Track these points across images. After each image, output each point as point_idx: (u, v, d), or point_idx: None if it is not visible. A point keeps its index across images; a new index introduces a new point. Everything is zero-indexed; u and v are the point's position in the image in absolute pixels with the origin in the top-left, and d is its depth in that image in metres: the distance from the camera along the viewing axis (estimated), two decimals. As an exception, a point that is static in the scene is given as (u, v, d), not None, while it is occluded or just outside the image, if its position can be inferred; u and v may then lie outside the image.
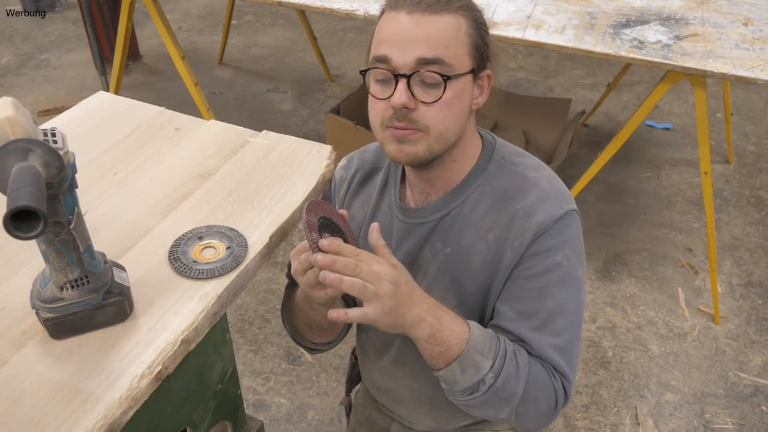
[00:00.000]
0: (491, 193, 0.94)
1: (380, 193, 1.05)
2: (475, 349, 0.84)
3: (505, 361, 0.86)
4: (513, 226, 0.90)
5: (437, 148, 0.88)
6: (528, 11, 2.17)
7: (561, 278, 0.90)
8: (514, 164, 0.95)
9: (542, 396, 0.88)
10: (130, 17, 2.64)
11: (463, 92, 0.87)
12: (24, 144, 0.63)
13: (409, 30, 0.83)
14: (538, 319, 0.90)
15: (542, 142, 2.87)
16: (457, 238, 0.95)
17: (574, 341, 0.92)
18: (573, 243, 0.91)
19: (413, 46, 0.83)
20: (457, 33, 0.84)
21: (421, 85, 0.84)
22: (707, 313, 2.34)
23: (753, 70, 1.81)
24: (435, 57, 0.83)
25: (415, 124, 0.86)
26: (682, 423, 1.97)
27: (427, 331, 0.83)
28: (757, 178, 3.08)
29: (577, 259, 0.91)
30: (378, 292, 0.79)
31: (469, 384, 0.85)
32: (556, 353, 0.90)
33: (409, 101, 0.84)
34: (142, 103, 1.30)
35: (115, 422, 0.70)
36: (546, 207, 0.90)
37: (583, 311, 0.94)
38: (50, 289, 0.77)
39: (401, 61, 0.83)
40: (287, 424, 1.95)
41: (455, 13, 0.84)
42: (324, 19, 4.46)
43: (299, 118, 3.51)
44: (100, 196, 1.04)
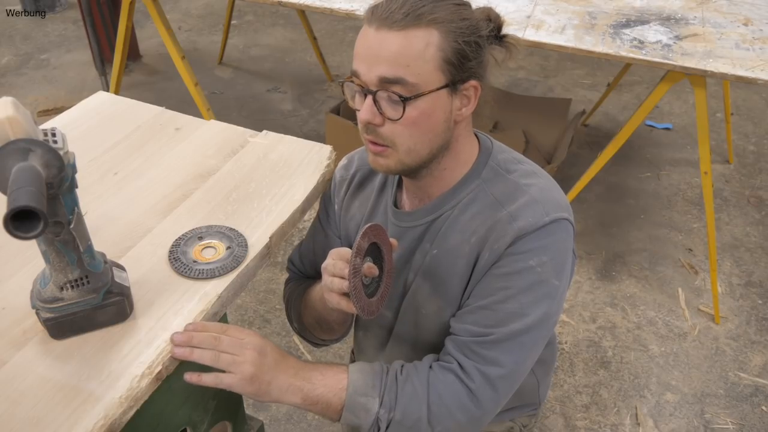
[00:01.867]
0: (483, 198, 0.93)
1: (378, 195, 1.05)
2: (357, 393, 0.85)
3: (397, 393, 0.85)
4: (495, 229, 0.89)
5: (409, 162, 0.89)
6: (528, 11, 2.17)
7: (530, 283, 0.87)
8: (508, 171, 0.94)
9: (455, 408, 0.86)
10: (130, 17, 2.64)
11: (433, 109, 0.85)
12: (24, 144, 0.63)
13: (374, 47, 0.82)
14: (491, 315, 0.88)
15: (542, 142, 2.87)
16: (443, 240, 0.95)
17: (525, 341, 0.88)
18: (552, 250, 0.88)
19: (377, 63, 0.82)
20: (423, 50, 0.82)
21: (388, 101, 0.84)
22: (707, 313, 2.34)
23: (753, 70, 1.81)
24: (396, 77, 0.82)
25: (382, 140, 0.87)
26: (682, 423, 1.97)
27: (298, 395, 0.85)
28: (757, 178, 3.08)
29: (553, 267, 0.88)
30: (237, 360, 0.81)
31: (368, 425, 0.85)
32: (488, 348, 0.86)
33: (374, 117, 0.84)
34: (142, 103, 1.30)
35: (115, 422, 0.70)
36: (531, 213, 0.88)
37: (549, 323, 0.90)
38: (50, 289, 0.77)
39: (367, 77, 0.84)
40: (287, 424, 1.95)
41: (425, 28, 0.82)
42: (324, 19, 4.46)
43: (299, 118, 3.51)
44: (100, 196, 1.04)
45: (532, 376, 1.13)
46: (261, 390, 0.83)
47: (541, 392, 1.19)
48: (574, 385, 2.08)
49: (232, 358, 0.81)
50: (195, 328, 0.82)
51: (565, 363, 2.16)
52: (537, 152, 2.77)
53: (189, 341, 0.80)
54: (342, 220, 1.11)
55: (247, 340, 0.83)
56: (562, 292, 0.91)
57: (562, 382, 2.09)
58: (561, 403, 2.02)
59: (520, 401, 1.15)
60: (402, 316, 1.04)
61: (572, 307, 2.37)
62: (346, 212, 1.10)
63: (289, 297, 1.16)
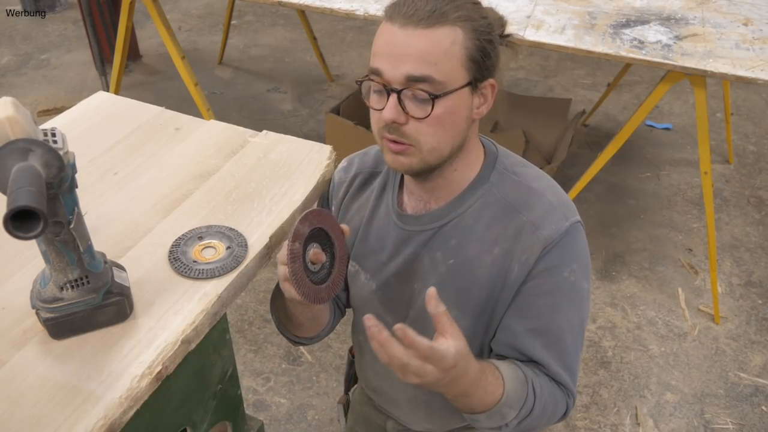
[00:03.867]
0: (494, 203, 0.93)
1: (378, 197, 1.04)
2: (506, 405, 0.86)
3: (534, 408, 0.89)
4: (520, 240, 0.90)
5: (431, 161, 0.88)
6: (528, 11, 2.17)
7: (568, 294, 0.91)
8: (516, 174, 0.94)
9: (557, 415, 0.95)
10: (130, 17, 2.64)
11: (458, 107, 0.85)
12: (24, 144, 0.63)
13: (400, 44, 0.81)
14: (549, 337, 0.92)
15: (542, 142, 2.87)
16: (459, 250, 0.94)
17: (577, 353, 0.95)
18: (578, 256, 0.92)
19: (403, 61, 0.81)
20: (450, 47, 0.81)
21: (412, 100, 0.83)
22: (707, 313, 2.34)
23: (753, 70, 1.81)
24: (423, 75, 0.81)
25: (406, 138, 0.85)
26: (682, 423, 1.97)
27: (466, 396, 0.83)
28: (757, 178, 3.08)
29: (582, 272, 0.92)
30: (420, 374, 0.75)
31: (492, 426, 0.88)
32: (566, 372, 0.93)
33: (399, 116, 0.83)
34: (142, 103, 1.30)
35: (115, 422, 0.70)
36: (553, 220, 0.89)
37: (587, 322, 0.97)
38: (50, 289, 0.77)
39: (392, 75, 0.82)
40: (287, 424, 1.95)
41: (451, 26, 0.81)
42: (324, 19, 4.46)
43: (299, 118, 3.52)
44: (100, 196, 1.04)
45: None
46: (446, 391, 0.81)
47: None
48: (574, 385, 2.08)
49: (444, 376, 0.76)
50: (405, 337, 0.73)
51: (565, 363, 2.16)
52: (537, 152, 2.77)
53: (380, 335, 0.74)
54: (341, 220, 1.11)
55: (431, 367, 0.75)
56: (589, 292, 0.96)
57: (562, 382, 2.09)
58: (561, 403, 2.03)
59: None
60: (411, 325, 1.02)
61: (572, 307, 2.37)
62: (344, 215, 1.09)
63: (273, 292, 1.15)
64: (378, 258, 1.03)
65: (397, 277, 1.02)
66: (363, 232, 1.05)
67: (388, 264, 1.02)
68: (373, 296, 1.06)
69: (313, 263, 0.87)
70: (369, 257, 1.05)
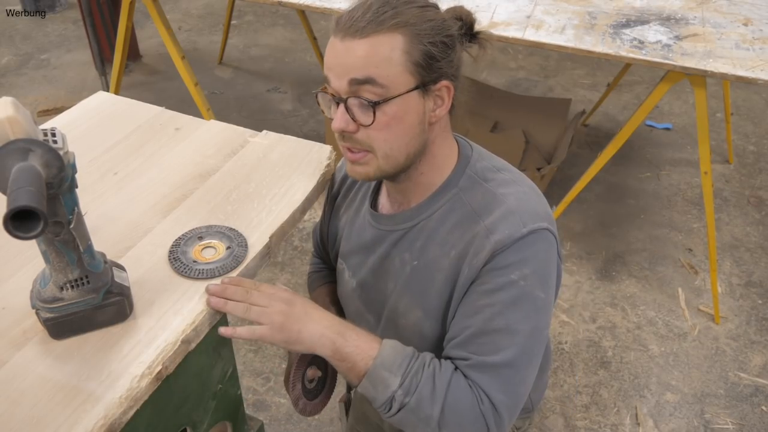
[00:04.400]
0: (460, 208, 0.92)
1: (363, 197, 1.06)
2: (382, 366, 0.85)
3: (420, 382, 0.85)
4: (474, 243, 0.88)
5: (387, 168, 0.89)
6: (528, 11, 2.17)
7: (514, 297, 0.86)
8: (486, 180, 0.93)
9: (466, 421, 0.85)
10: (130, 17, 2.64)
11: (406, 112, 0.85)
12: (24, 144, 0.63)
13: (341, 55, 0.83)
14: (483, 338, 0.87)
15: (542, 142, 2.87)
16: (422, 252, 0.95)
17: (521, 362, 0.87)
18: (534, 262, 0.87)
19: (345, 70, 0.83)
20: (389, 54, 0.82)
21: (359, 107, 0.84)
22: (707, 313, 2.34)
23: (753, 70, 1.81)
24: (366, 77, 0.82)
25: (359, 145, 0.87)
26: (682, 423, 1.97)
27: (329, 346, 0.86)
28: (757, 178, 3.08)
29: (537, 278, 0.87)
30: (266, 311, 0.84)
31: (382, 400, 0.86)
32: (487, 374, 0.86)
33: (348, 125, 0.85)
34: (142, 103, 1.30)
35: (115, 422, 0.70)
36: (507, 225, 0.87)
37: (540, 335, 0.89)
38: (50, 289, 0.77)
39: (337, 85, 0.84)
40: (287, 424, 1.95)
41: (388, 32, 0.82)
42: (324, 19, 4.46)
43: (299, 118, 3.51)
44: (100, 196, 1.04)
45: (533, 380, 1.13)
46: (291, 338, 0.85)
47: (534, 396, 1.18)
48: (574, 385, 2.08)
49: (261, 309, 0.84)
50: (230, 281, 0.86)
51: (565, 363, 2.16)
52: (537, 152, 2.77)
53: (223, 292, 0.84)
54: (332, 219, 1.13)
55: (277, 293, 0.87)
56: (549, 303, 0.89)
57: (562, 382, 2.09)
58: (561, 403, 2.02)
59: None
60: (385, 323, 1.04)
61: (572, 307, 2.37)
62: (336, 213, 1.12)
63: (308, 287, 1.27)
64: (358, 256, 1.06)
65: (373, 276, 1.03)
66: (347, 231, 1.08)
67: (365, 262, 1.04)
68: (354, 293, 1.08)
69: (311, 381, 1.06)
70: (351, 255, 1.07)
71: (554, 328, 2.28)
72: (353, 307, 1.10)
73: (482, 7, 2.19)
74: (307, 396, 1.07)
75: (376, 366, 0.85)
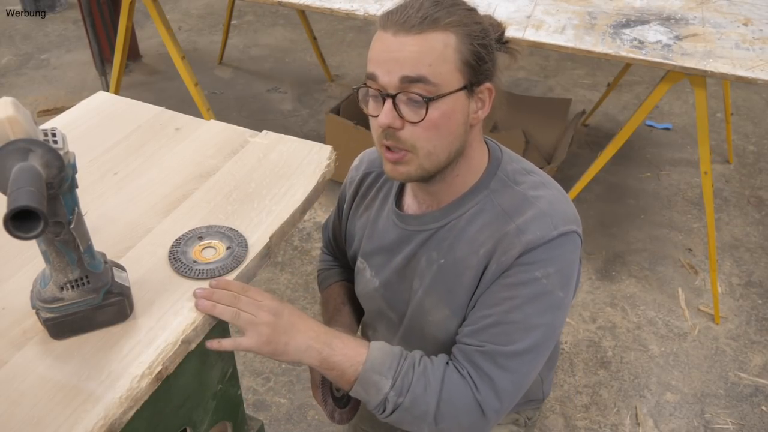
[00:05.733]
0: (491, 210, 0.93)
1: (385, 196, 1.06)
2: (372, 370, 0.86)
3: (412, 381, 0.87)
4: (503, 242, 0.89)
5: (429, 167, 0.89)
6: (528, 11, 2.17)
7: (535, 294, 0.87)
8: (516, 183, 0.94)
9: (462, 412, 0.87)
10: (130, 17, 2.64)
11: (453, 110, 0.86)
12: (24, 144, 0.63)
13: (393, 50, 0.83)
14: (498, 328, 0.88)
15: (542, 142, 2.87)
16: (450, 250, 0.95)
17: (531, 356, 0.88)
18: (559, 262, 0.88)
19: (397, 65, 0.83)
20: (443, 51, 0.83)
21: (408, 104, 0.84)
22: (707, 313, 2.34)
23: (753, 70, 1.81)
24: (418, 75, 0.82)
25: (402, 144, 0.86)
26: (682, 423, 1.97)
27: (316, 357, 0.87)
28: (757, 178, 3.08)
29: (559, 279, 0.88)
30: (254, 321, 0.84)
31: (376, 402, 0.88)
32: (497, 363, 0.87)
33: (394, 121, 0.84)
34: (142, 103, 1.30)
35: (115, 422, 0.70)
36: (539, 227, 0.88)
37: (553, 333, 0.91)
38: (50, 289, 0.77)
39: (386, 80, 0.84)
40: (287, 424, 1.95)
41: (443, 31, 0.83)
42: (324, 19, 4.46)
43: (299, 118, 3.51)
44: (100, 196, 1.04)
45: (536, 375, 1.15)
46: (278, 350, 0.85)
47: (545, 388, 1.21)
48: (574, 385, 2.08)
49: (250, 317, 0.84)
50: (218, 284, 0.85)
51: (565, 363, 2.16)
52: (537, 152, 2.77)
53: (210, 296, 0.83)
54: (350, 219, 1.13)
55: (264, 302, 0.86)
56: (567, 303, 0.91)
57: (562, 382, 2.09)
58: (561, 403, 2.02)
59: (525, 397, 1.17)
60: (409, 322, 1.04)
61: (572, 307, 2.37)
62: (354, 213, 1.12)
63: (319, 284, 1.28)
64: (381, 256, 1.05)
65: (397, 275, 1.03)
66: (370, 230, 1.07)
67: (390, 262, 1.04)
68: (377, 293, 1.08)
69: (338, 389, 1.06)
70: (374, 255, 1.07)
71: (554, 328, 2.28)
72: (375, 305, 1.10)
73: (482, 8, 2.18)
74: (339, 404, 1.08)
75: (366, 371, 0.87)
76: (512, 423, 1.19)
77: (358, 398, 0.90)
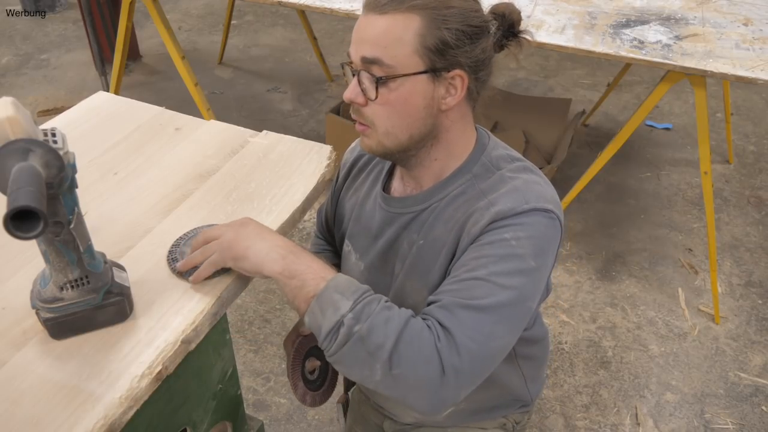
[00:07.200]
0: (471, 192, 0.94)
1: (374, 179, 1.08)
2: (335, 289, 0.81)
3: (373, 310, 0.79)
4: (474, 214, 0.89)
5: (388, 144, 0.91)
6: (528, 11, 2.17)
7: (502, 254, 0.83)
8: (499, 168, 0.94)
9: (420, 359, 0.78)
10: (130, 17, 2.64)
11: (411, 93, 0.87)
12: (24, 144, 0.63)
13: (361, 29, 0.88)
14: (460, 284, 0.84)
15: (542, 142, 2.87)
16: (428, 231, 0.96)
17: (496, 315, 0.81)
18: (531, 230, 0.85)
19: (361, 44, 0.87)
20: (402, 33, 0.84)
21: (369, 81, 0.88)
22: (707, 313, 2.34)
23: (753, 70, 1.81)
24: (373, 57, 0.86)
25: (363, 119, 0.91)
26: (682, 423, 1.97)
27: (279, 261, 0.83)
28: (757, 178, 3.08)
29: (531, 246, 0.84)
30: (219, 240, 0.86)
31: (329, 326, 0.79)
32: (456, 314, 0.80)
33: (357, 96, 0.89)
34: (142, 103, 1.30)
35: (115, 422, 0.70)
36: (510, 200, 0.87)
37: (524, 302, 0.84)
38: (50, 289, 0.77)
39: (354, 58, 0.89)
40: (287, 424, 1.95)
41: (406, 12, 0.84)
42: (324, 19, 4.46)
43: (299, 118, 3.51)
44: (100, 196, 1.04)
45: (518, 372, 1.11)
46: (239, 254, 0.84)
47: (532, 390, 1.16)
48: (574, 385, 2.08)
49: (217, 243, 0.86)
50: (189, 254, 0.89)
51: (565, 363, 2.16)
52: (537, 152, 2.77)
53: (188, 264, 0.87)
54: (340, 200, 1.15)
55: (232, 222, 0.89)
56: (539, 276, 0.86)
57: (562, 382, 2.09)
58: (561, 403, 2.02)
59: (508, 396, 1.14)
60: None
61: (572, 307, 2.37)
62: (345, 194, 1.14)
63: None
64: (366, 238, 1.06)
65: (380, 259, 1.04)
66: (357, 213, 1.09)
67: (373, 244, 1.05)
68: (362, 276, 1.08)
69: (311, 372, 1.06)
70: (360, 237, 1.08)
71: (554, 328, 2.28)
72: None
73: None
74: (311, 387, 1.09)
75: (328, 287, 0.81)
76: (500, 428, 1.16)
77: (311, 324, 0.82)
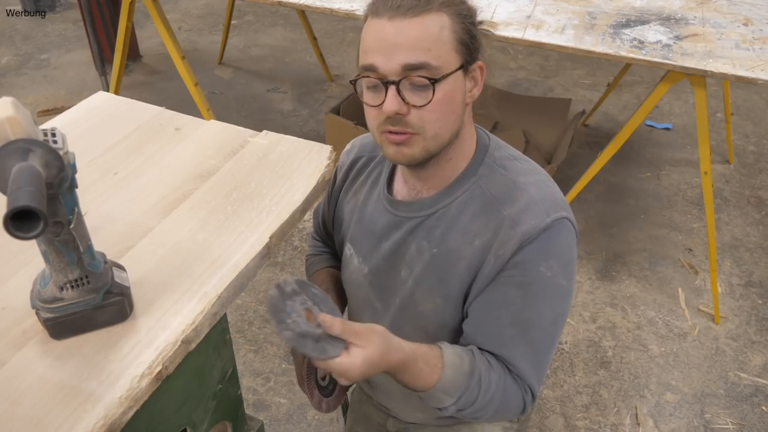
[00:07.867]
0: (480, 196, 0.94)
1: (374, 181, 1.07)
2: (441, 390, 0.89)
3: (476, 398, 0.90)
4: (499, 234, 0.90)
5: (433, 148, 0.89)
6: (528, 11, 2.17)
7: (543, 289, 0.90)
8: (504, 168, 0.95)
9: (511, 410, 0.95)
10: (130, 17, 2.64)
11: (454, 90, 0.87)
12: (24, 144, 0.63)
13: (392, 36, 0.82)
14: (515, 329, 0.92)
15: (542, 142, 2.87)
16: (443, 240, 0.96)
17: (546, 351, 0.95)
18: (558, 252, 0.91)
19: (398, 52, 0.82)
20: (440, 33, 0.83)
21: (411, 89, 0.84)
22: (707, 313, 2.34)
23: (753, 70, 1.81)
24: (420, 62, 0.82)
25: (410, 128, 0.86)
26: (682, 423, 1.97)
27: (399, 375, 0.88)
28: (757, 178, 3.08)
29: (561, 268, 0.91)
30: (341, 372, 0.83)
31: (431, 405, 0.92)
32: (528, 364, 0.93)
33: (401, 107, 0.84)
34: (142, 103, 1.30)
35: (115, 422, 0.70)
36: (532, 216, 0.89)
37: (563, 320, 0.95)
38: (50, 289, 0.77)
39: (388, 68, 0.83)
40: (287, 424, 1.95)
41: (436, 12, 0.83)
42: (324, 19, 4.46)
43: (299, 118, 3.51)
44: (100, 196, 1.04)
45: None
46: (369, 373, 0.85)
47: None
48: (574, 385, 2.08)
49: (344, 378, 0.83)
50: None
51: (565, 363, 2.16)
52: (537, 152, 2.77)
53: None
54: (339, 203, 1.14)
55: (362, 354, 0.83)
56: (570, 290, 0.94)
57: (562, 382, 2.09)
58: (561, 403, 2.02)
59: None
60: (398, 312, 1.04)
61: (572, 307, 2.37)
62: (343, 197, 1.13)
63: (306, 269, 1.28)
64: (370, 241, 1.06)
65: (386, 262, 1.04)
66: (358, 215, 1.08)
67: (378, 248, 1.04)
68: (365, 280, 1.08)
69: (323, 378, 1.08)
70: (362, 240, 1.08)
71: (554, 328, 2.27)
72: (362, 294, 1.10)
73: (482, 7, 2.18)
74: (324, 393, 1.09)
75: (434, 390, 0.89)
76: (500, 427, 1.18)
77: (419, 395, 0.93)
